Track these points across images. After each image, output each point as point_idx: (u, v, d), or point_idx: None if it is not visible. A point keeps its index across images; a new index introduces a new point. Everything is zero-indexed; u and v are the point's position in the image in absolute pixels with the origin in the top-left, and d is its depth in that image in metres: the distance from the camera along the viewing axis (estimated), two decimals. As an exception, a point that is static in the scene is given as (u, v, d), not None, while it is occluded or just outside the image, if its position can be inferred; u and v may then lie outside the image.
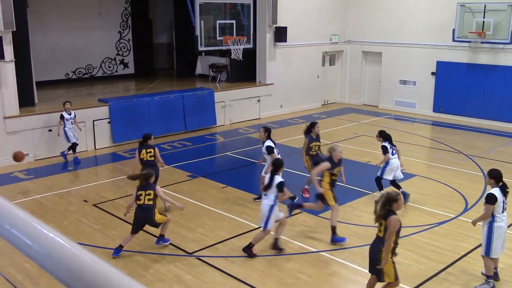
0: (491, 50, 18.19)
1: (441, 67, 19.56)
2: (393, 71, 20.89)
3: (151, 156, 9.76)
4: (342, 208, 9.74)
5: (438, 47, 19.41)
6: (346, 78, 22.49)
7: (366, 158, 13.78)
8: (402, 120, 19.16)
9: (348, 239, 8.66)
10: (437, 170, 13.00)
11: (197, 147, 14.35)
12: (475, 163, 13.19)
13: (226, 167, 13.19)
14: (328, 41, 21.41)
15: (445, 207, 10.33)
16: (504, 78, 18.06)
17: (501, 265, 7.91)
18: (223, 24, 17.23)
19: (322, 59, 21.59)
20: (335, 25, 21.50)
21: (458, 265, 7.96)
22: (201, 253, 8.32)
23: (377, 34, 21.18)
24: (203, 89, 17.67)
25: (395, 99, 21.00)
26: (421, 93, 20.19)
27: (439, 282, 7.47)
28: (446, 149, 15.08)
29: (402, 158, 10.77)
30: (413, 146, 15.43)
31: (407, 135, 16.83)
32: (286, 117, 18.50)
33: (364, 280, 7.08)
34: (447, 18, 18.72)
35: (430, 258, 8.15)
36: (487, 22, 17.73)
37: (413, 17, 19.99)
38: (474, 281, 7.47)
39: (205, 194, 11.08)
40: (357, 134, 16.63)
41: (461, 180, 12.04)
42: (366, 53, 21.88)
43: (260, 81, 19.46)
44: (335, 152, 8.63)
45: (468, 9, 18.20)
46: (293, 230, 9.10)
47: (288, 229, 8.89)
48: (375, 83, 21.73)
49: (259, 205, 10.31)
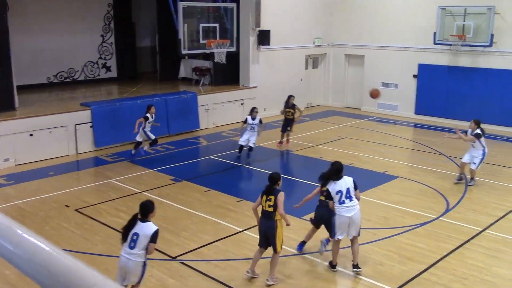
0: (472, 53, 18.44)
1: (423, 69, 19.78)
2: (376, 74, 21.05)
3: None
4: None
5: (420, 50, 19.63)
6: (329, 81, 22.61)
7: (349, 161, 13.84)
8: (385, 123, 19.31)
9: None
10: (419, 171, 13.12)
11: (180, 151, 14.32)
12: (456, 165, 13.34)
13: (210, 171, 13.17)
14: (311, 44, 21.52)
15: (427, 208, 10.44)
16: (485, 81, 18.32)
17: (477, 263, 8.02)
18: (206, 27, 17.21)
19: (305, 62, 21.69)
20: (318, 28, 21.62)
21: (440, 265, 8.04)
22: (185, 257, 8.29)
23: (359, 37, 21.35)
24: (186, 92, 17.62)
25: (378, 101, 21.15)
26: (403, 95, 20.39)
27: (421, 282, 7.54)
28: (428, 150, 15.24)
29: (385, 160, 10.88)
30: (396, 148, 15.57)
31: (389, 137, 16.97)
32: (269, 120, 18.50)
33: (356, 285, 7.13)
34: (428, 21, 18.94)
35: (413, 259, 8.22)
36: (467, 25, 17.98)
37: (395, 21, 20.19)
38: (455, 281, 7.55)
39: (189, 198, 11.05)
40: (340, 137, 16.73)
41: (442, 182, 12.17)
42: (349, 56, 22.04)
43: (243, 84, 19.49)
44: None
45: (449, 12, 18.44)
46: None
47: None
48: (358, 86, 21.88)
49: (243, 208, 10.37)
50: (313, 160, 14.17)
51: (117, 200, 10.84)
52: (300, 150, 15.01)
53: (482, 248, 8.67)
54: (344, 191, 7.53)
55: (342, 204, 7.54)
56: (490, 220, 9.87)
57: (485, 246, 8.76)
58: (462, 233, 9.26)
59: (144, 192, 11.28)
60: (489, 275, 7.74)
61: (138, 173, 12.68)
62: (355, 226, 7.60)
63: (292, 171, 13.73)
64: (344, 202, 7.53)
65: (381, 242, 8.84)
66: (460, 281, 7.55)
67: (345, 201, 7.52)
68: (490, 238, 9.10)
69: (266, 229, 7.30)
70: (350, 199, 7.52)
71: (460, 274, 7.75)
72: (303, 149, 15.13)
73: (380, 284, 7.48)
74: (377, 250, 8.37)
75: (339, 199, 7.55)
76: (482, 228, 9.49)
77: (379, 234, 9.10)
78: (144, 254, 6.28)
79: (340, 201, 7.55)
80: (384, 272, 7.79)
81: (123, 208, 10.31)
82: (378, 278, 7.63)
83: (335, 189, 7.58)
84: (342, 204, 7.53)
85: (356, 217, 7.54)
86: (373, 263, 8.02)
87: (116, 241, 8.16)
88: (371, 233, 9.08)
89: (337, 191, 7.57)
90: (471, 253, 8.50)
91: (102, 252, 8.41)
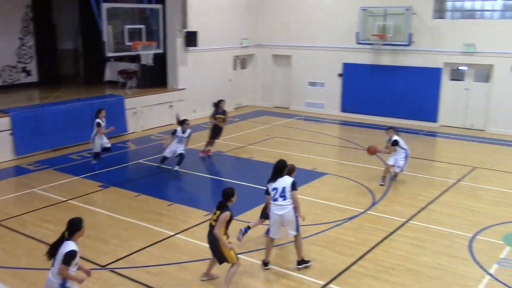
0: (392, 51, 19.24)
1: (347, 68, 20.41)
2: (303, 74, 21.50)
3: None
4: (258, 209, 9.87)
5: (344, 49, 20.24)
6: (258, 82, 22.82)
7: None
8: (312, 121, 19.75)
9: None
10: (347, 167, 13.53)
11: (107, 156, 13.91)
12: (381, 160, 13.84)
13: (139, 175, 12.89)
14: (239, 45, 21.62)
15: (355, 203, 10.77)
16: (405, 78, 19.18)
17: (403, 253, 8.38)
18: (132, 29, 16.82)
19: (234, 63, 21.76)
20: (245, 29, 21.76)
21: (368, 257, 8.33)
22: (115, 265, 8.07)
23: (286, 38, 21.70)
24: (112, 96, 17.17)
25: (305, 100, 21.61)
26: (330, 94, 20.96)
27: (351, 275, 7.77)
28: (354, 147, 15.74)
29: (314, 157, 11.11)
30: (324, 146, 15.95)
31: (317, 135, 17.36)
32: (199, 122, 18.42)
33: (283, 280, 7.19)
34: (351, 21, 19.57)
35: (342, 253, 8.45)
36: (387, 25, 18.73)
37: (319, 21, 20.69)
38: (383, 271, 7.83)
39: (118, 204, 10.77)
40: (270, 136, 16.92)
41: (368, 176, 12.61)
42: (276, 56, 22.34)
43: (172, 86, 19.26)
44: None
45: (370, 13, 19.14)
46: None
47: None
48: (286, 86, 22.24)
49: (174, 212, 10.25)
50: (244, 161, 14.24)
51: (42, 210, 10.37)
52: (230, 151, 15.04)
53: (407, 238, 9.06)
54: (280, 189, 7.64)
55: (275, 202, 7.68)
56: (413, 211, 10.34)
57: (410, 236, 9.17)
58: (388, 225, 9.63)
59: (70, 200, 10.86)
60: (414, 264, 8.10)
61: (64, 180, 12.20)
62: (290, 225, 7.72)
63: (223, 172, 13.72)
64: (277, 200, 7.65)
65: (312, 238, 9.03)
66: (387, 271, 7.84)
67: (278, 199, 7.65)
68: (414, 228, 9.53)
69: (210, 243, 7.20)
70: (283, 198, 7.63)
71: (387, 265, 8.05)
72: (233, 149, 15.17)
73: (312, 279, 7.63)
74: (308, 246, 8.51)
75: (273, 196, 7.69)
76: (406, 219, 9.93)
77: (310, 230, 9.28)
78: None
79: (274, 199, 7.70)
80: (315, 267, 7.95)
81: (49, 218, 9.89)
82: (309, 273, 7.78)
83: (272, 185, 7.72)
84: (275, 201, 7.67)
85: (288, 215, 7.65)
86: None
87: (41, 253, 7.81)
88: (302, 230, 9.19)
89: (274, 187, 7.70)
90: (397, 243, 8.86)
91: (26, 266, 8.02)
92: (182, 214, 10.24)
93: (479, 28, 17.82)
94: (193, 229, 9.40)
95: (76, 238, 5.93)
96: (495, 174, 13.03)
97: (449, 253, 8.51)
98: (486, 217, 10.05)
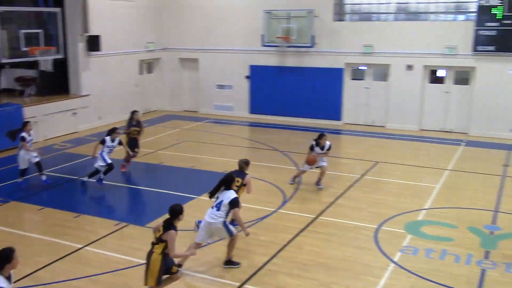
0: (297, 53, 19.80)
1: (254, 70, 20.71)
2: (211, 77, 21.52)
3: None
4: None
5: (250, 52, 20.51)
6: (165, 86, 22.52)
7: (190, 163, 13.96)
8: (222, 123, 19.82)
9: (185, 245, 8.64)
10: (257, 168, 13.66)
11: (6, 169, 13.08)
12: (290, 159, 14.19)
13: (42, 187, 12.22)
14: (145, 49, 21.22)
15: (267, 202, 10.94)
16: (310, 79, 19.80)
17: (314, 248, 8.62)
18: (28, 33, 15.98)
19: (140, 68, 21.32)
20: (150, 33, 21.39)
21: (281, 255, 8.49)
22: (19, 284, 7.57)
23: (192, 41, 21.61)
24: (9, 105, 16.14)
25: (214, 103, 21.66)
26: (238, 96, 21.15)
27: (266, 273, 7.87)
28: (263, 147, 16.00)
29: (225, 160, 11.12)
30: (234, 148, 16.06)
31: (227, 137, 17.46)
32: (106, 129, 17.78)
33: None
34: (256, 24, 19.88)
35: (256, 252, 8.55)
36: (291, 28, 19.24)
37: (225, 24, 20.81)
38: (296, 268, 8.02)
39: (19, 220, 10.16)
40: (180, 140, 16.76)
41: (278, 176, 12.86)
42: (183, 59, 22.18)
43: (74, 92, 18.48)
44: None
45: (274, 16, 19.56)
46: (121, 244, 8.80)
47: (114, 247, 8.57)
48: (194, 89, 22.15)
49: (81, 223, 9.83)
50: (154, 166, 13.99)
51: None
52: (140, 157, 14.68)
53: (317, 234, 9.35)
54: (219, 200, 7.81)
55: (211, 209, 7.86)
56: (322, 207, 10.69)
57: (320, 232, 9.47)
58: (299, 222, 9.88)
59: None
60: (324, 258, 8.37)
61: (-43, 197, 11.29)
62: (218, 234, 7.88)
63: (132, 179, 13.35)
64: (213, 208, 7.83)
65: (226, 241, 9.02)
66: (299, 267, 8.04)
67: (214, 208, 7.82)
68: (324, 224, 9.86)
69: (146, 258, 6.75)
70: (218, 209, 7.76)
71: (299, 261, 8.25)
72: (143, 155, 14.82)
73: (227, 281, 7.64)
74: (222, 248, 8.51)
75: (214, 203, 7.89)
76: (316, 215, 10.24)
77: (223, 232, 9.27)
78: None
79: (212, 206, 7.88)
80: (231, 269, 7.97)
81: None
82: (224, 275, 7.79)
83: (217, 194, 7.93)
84: (212, 209, 7.85)
85: (215, 226, 7.75)
86: (219, 262, 8.16)
87: None
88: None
89: (217, 196, 7.92)
90: (308, 239, 9.11)
91: None
92: (90, 225, 9.85)
93: (376, 29, 18.82)
94: (102, 240, 9.07)
95: (6, 272, 5.22)
96: (395, 167, 13.81)
97: (356, 245, 8.89)
98: (389, 208, 10.61)
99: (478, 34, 17.11)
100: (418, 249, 8.68)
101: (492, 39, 16.97)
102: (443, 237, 9.21)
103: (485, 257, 8.46)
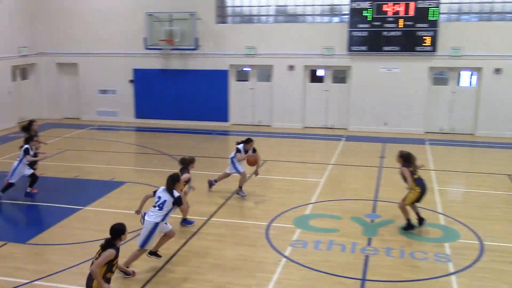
0: (181, 56, 19.67)
1: (138, 74, 20.25)
2: (92, 82, 20.69)
3: None
4: (53, 229, 9.18)
5: (133, 55, 20.02)
6: (42, 92, 21.25)
7: (74, 173, 13.30)
8: (107, 130, 19.13)
9: (72, 259, 8.18)
10: (145, 173, 13.41)
11: None
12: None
13: None
14: (18, 54, 19.83)
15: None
16: (195, 81, 19.78)
17: (207, 250, 8.61)
18: None
19: (13, 74, 19.89)
20: (23, 37, 20.04)
21: (175, 260, 8.35)
22: None
23: (71, 45, 20.62)
24: None
25: (97, 109, 20.85)
26: (122, 101, 20.56)
27: (159, 281, 7.70)
28: (152, 152, 15.68)
29: (111, 167, 10.74)
30: (120, 154, 15.57)
31: (113, 144, 16.88)
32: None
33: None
34: (137, 27, 19.44)
35: (148, 260, 8.32)
36: (174, 30, 19.07)
37: (105, 27, 20.10)
38: (192, 272, 7.94)
39: None
40: (62, 150, 15.88)
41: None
42: (61, 64, 21.08)
43: None
44: None
45: (156, 18, 19.25)
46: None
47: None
48: (75, 95, 21.15)
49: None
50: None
51: None
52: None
53: (209, 235, 9.34)
54: (161, 200, 7.88)
55: (153, 208, 7.92)
56: (214, 208, 10.71)
57: (212, 233, 9.47)
58: (192, 225, 9.80)
59: None
60: (217, 259, 8.38)
61: None
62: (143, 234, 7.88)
63: (10, 194, 12.35)
64: (155, 208, 7.90)
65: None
66: (195, 271, 7.98)
67: (155, 208, 7.90)
68: (215, 225, 9.88)
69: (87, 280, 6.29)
70: (160, 209, 7.85)
71: (194, 264, 8.19)
72: (21, 168, 13.83)
73: (119, 292, 7.37)
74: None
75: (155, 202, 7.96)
76: (208, 217, 10.24)
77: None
78: None
79: (153, 205, 7.96)
80: (124, 278, 7.70)
81: None
82: (117, 286, 7.50)
83: (158, 194, 7.99)
84: (154, 208, 7.92)
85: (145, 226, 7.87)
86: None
87: None
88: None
89: (158, 196, 7.98)
90: (201, 241, 9.07)
91: None
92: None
93: (258, 31, 19.28)
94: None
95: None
96: (282, 165, 14.24)
97: (249, 243, 9.02)
98: (279, 205, 10.90)
99: (352, 35, 18.22)
100: (307, 242, 9.01)
101: (364, 40, 18.16)
102: (329, 228, 9.66)
103: (368, 244, 9.00)
